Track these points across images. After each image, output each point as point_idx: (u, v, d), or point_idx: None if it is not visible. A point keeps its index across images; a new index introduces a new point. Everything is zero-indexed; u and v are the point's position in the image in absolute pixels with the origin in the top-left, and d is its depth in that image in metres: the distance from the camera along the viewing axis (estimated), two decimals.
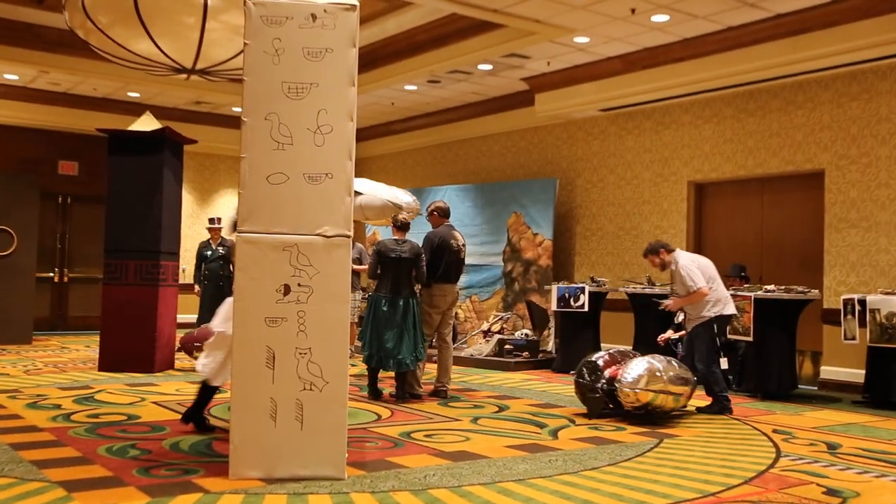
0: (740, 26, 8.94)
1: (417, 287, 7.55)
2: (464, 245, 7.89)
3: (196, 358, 8.97)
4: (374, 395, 7.39)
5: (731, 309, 7.19)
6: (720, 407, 6.89)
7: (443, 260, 7.58)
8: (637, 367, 6.31)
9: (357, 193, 9.00)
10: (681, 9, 8.48)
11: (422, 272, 7.42)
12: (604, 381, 6.43)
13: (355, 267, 9.43)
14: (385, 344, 7.17)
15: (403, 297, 7.29)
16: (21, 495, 3.93)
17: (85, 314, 13.82)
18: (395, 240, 7.52)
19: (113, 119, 12.33)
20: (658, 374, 6.27)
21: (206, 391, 5.54)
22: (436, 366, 7.82)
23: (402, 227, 7.62)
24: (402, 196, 9.75)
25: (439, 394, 7.56)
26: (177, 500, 3.92)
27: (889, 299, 7.61)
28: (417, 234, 8.08)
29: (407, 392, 7.44)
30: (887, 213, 8.51)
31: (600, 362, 6.58)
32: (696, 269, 6.97)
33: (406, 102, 13.10)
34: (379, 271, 7.44)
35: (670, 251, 7.17)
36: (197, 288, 10.89)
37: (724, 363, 7.17)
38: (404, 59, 10.93)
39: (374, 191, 9.52)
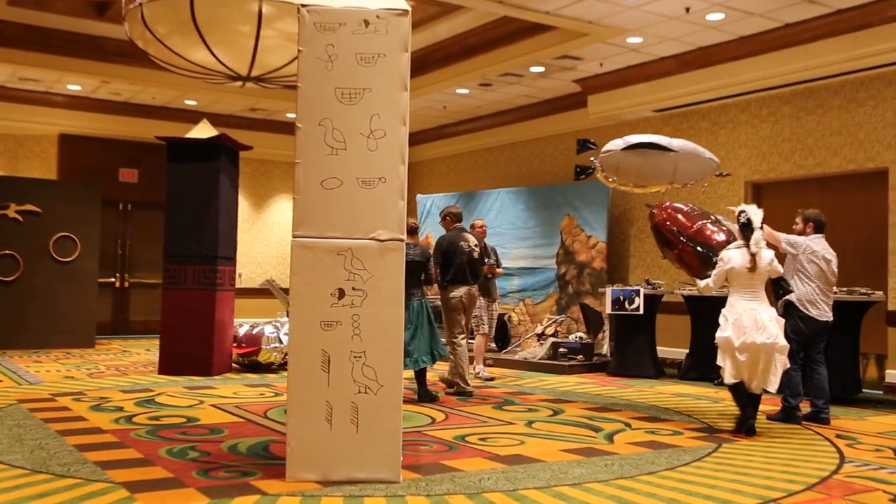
0: (798, 23, 8.75)
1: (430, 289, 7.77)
2: (476, 245, 8.10)
3: (243, 361, 9.21)
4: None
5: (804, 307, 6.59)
6: (784, 415, 6.63)
7: (453, 263, 7.90)
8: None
9: (664, 150, 7.13)
10: (736, 6, 8.34)
11: (431, 275, 7.65)
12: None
13: None
14: None
15: (416, 299, 7.40)
16: (86, 495, 4.03)
17: (145, 318, 14.13)
18: (407, 243, 7.61)
19: (171, 127, 12.61)
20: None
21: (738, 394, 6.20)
22: (447, 363, 8.03)
23: (412, 231, 7.73)
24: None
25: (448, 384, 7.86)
26: (235, 501, 3.97)
27: None
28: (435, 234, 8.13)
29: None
30: None
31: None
32: (794, 244, 6.67)
33: (458, 106, 13.12)
34: None
35: (813, 230, 6.79)
36: None
37: None
38: (456, 63, 10.95)
39: (685, 146, 7.38)
